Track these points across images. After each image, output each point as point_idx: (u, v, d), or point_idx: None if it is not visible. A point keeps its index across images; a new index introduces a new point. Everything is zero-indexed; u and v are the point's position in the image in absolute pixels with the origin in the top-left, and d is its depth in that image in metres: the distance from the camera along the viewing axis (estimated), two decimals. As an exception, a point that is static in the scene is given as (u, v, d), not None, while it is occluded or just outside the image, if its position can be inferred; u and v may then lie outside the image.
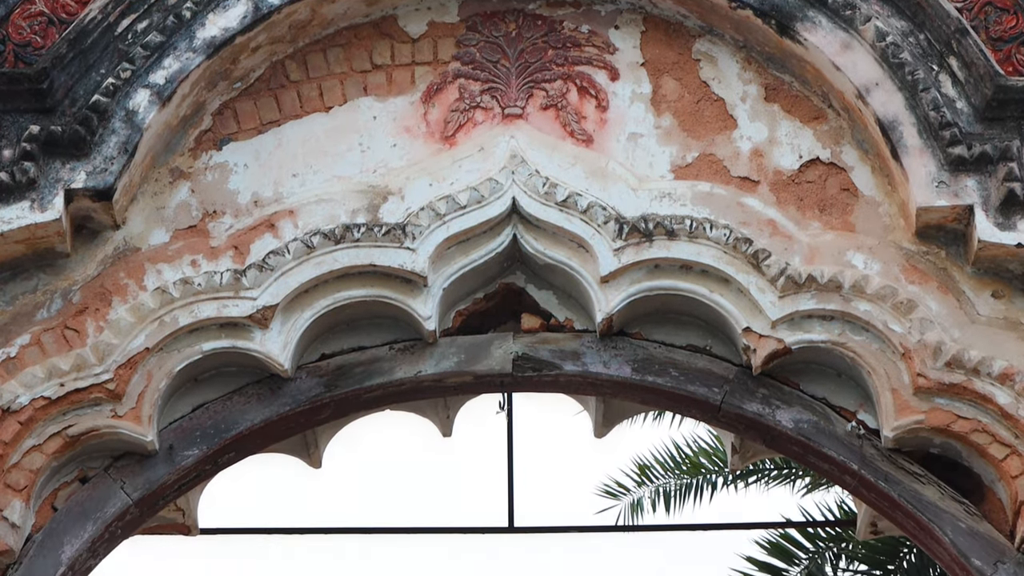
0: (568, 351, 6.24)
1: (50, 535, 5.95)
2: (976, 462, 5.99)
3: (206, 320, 6.00)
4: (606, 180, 6.11)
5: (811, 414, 6.13)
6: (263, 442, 6.30)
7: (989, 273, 5.97)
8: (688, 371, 6.18)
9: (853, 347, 6.00)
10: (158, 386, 5.99)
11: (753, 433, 6.30)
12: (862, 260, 6.02)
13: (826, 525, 12.58)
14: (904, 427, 5.93)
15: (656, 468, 13.37)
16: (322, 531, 8.06)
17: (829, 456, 6.12)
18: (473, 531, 7.95)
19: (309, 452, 6.92)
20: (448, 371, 6.22)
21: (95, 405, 5.93)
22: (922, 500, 6.00)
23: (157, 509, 6.24)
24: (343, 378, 6.19)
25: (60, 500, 6.02)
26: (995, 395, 5.86)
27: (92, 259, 6.05)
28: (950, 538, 5.95)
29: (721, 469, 13.15)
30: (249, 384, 6.16)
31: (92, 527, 5.98)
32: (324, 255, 6.05)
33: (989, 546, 5.92)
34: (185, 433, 6.11)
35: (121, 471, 6.06)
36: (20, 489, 5.85)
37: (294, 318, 6.07)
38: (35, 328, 5.97)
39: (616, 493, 13.40)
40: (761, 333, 6.03)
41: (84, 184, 5.91)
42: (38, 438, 5.90)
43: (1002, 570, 5.88)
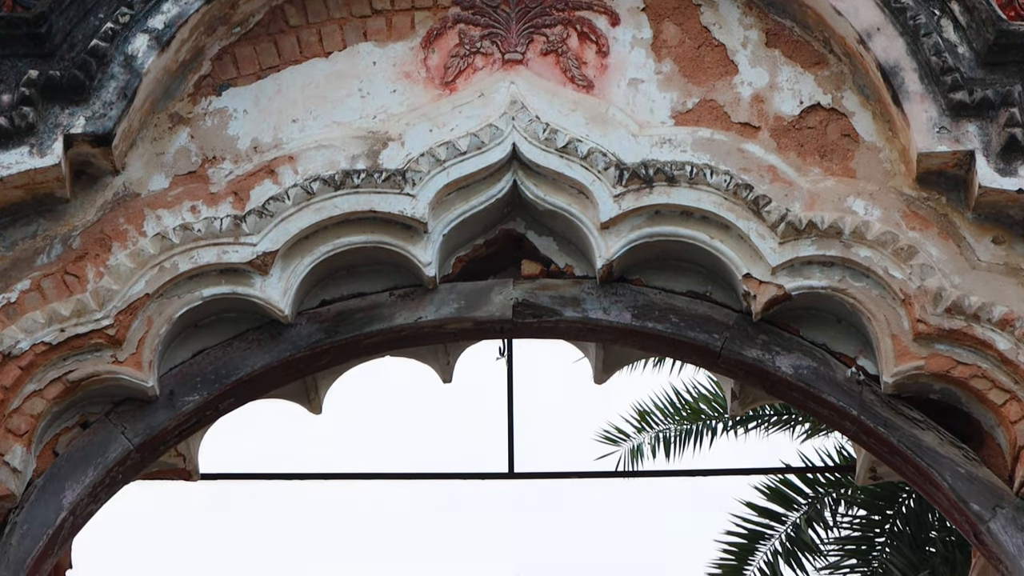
0: (568, 297, 6.24)
1: (51, 480, 5.96)
2: (975, 408, 6.00)
3: (206, 266, 6.01)
4: (606, 126, 6.10)
5: (811, 360, 6.14)
6: (263, 388, 6.31)
7: (990, 219, 5.96)
8: (688, 317, 6.19)
9: (853, 293, 6.00)
10: (158, 332, 5.99)
11: (753, 379, 6.31)
12: (863, 206, 6.01)
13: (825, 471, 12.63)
14: (904, 373, 5.94)
15: (656, 414, 13.40)
16: (322, 477, 8.07)
17: (829, 402, 6.13)
18: (473, 477, 7.96)
19: (309, 398, 6.93)
20: (448, 317, 6.23)
21: (95, 351, 5.94)
22: (921, 446, 6.02)
23: (158, 454, 6.26)
24: (343, 324, 6.20)
25: (61, 445, 6.03)
26: (995, 341, 5.87)
27: (92, 205, 6.05)
28: (949, 483, 5.97)
29: (721, 415, 13.18)
30: (249, 330, 6.17)
31: (93, 472, 6.00)
32: (324, 201, 6.04)
33: (988, 491, 5.94)
34: (185, 379, 6.12)
35: (122, 416, 6.07)
36: (21, 434, 5.86)
37: (294, 264, 6.07)
38: (35, 274, 5.97)
39: (616, 439, 13.43)
40: (761, 279, 6.03)
41: (83, 129, 5.90)
42: (39, 383, 5.91)
43: (1001, 515, 5.90)
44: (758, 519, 12.82)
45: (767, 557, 12.79)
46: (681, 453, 13.33)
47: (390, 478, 8.24)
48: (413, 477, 8.24)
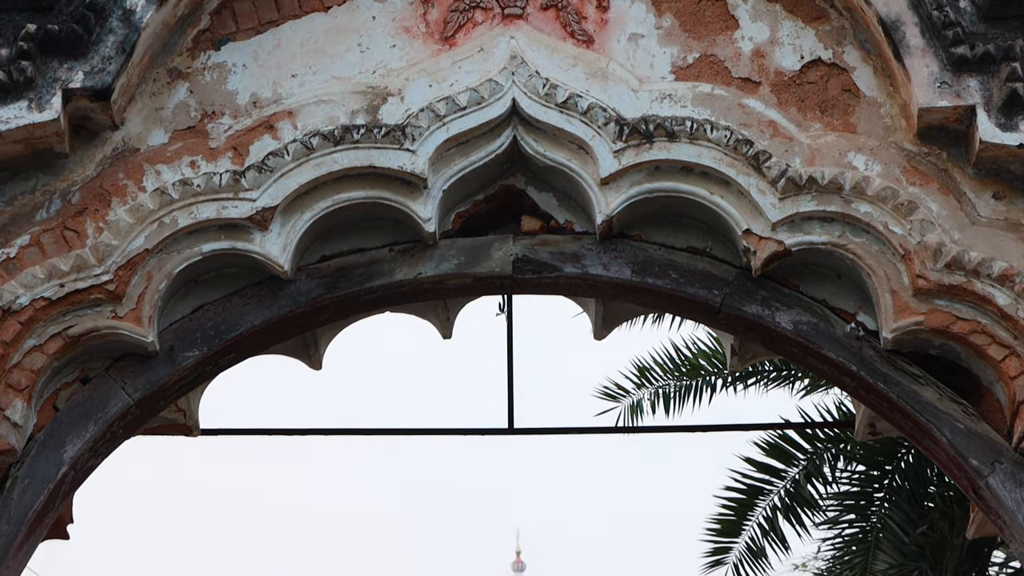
0: (568, 253, 6.24)
1: (52, 435, 5.98)
2: (975, 363, 6.00)
3: (205, 221, 6.00)
4: (606, 81, 6.09)
5: (810, 316, 6.14)
6: (263, 343, 6.32)
7: (990, 174, 5.96)
8: (688, 273, 6.19)
9: (853, 249, 5.99)
10: (158, 287, 5.99)
11: (752, 335, 6.31)
12: (863, 161, 6.01)
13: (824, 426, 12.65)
14: (903, 328, 5.94)
15: (655, 370, 13.40)
16: (322, 432, 8.08)
17: (828, 357, 6.13)
18: (473, 433, 7.97)
19: (309, 354, 6.93)
20: (448, 273, 6.23)
21: (95, 306, 5.94)
22: (920, 401, 6.03)
23: (158, 409, 6.27)
24: (343, 280, 6.20)
25: (61, 400, 6.04)
26: (994, 296, 5.87)
27: (91, 160, 6.04)
28: (948, 438, 5.98)
29: (720, 371, 13.19)
30: (249, 285, 6.17)
31: (94, 427, 6.01)
32: (323, 156, 6.03)
33: (986, 446, 5.95)
34: (185, 334, 6.13)
35: (122, 372, 6.08)
36: (21, 389, 5.87)
37: (293, 220, 6.07)
38: (34, 228, 5.97)
39: (615, 395, 13.44)
40: (761, 235, 6.03)
41: (82, 84, 5.88)
42: (39, 338, 5.92)
43: (999, 469, 5.91)
44: (757, 475, 12.84)
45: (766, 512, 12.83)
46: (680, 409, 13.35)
47: (390, 433, 8.25)
48: (413, 433, 8.26)
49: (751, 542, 12.92)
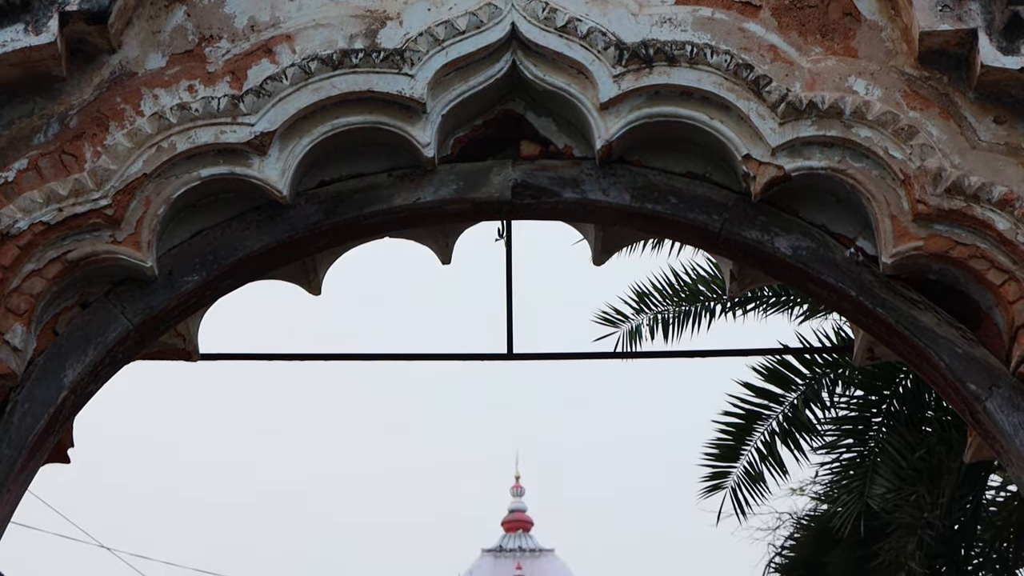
0: (567, 178, 6.22)
1: (52, 359, 5.99)
2: (974, 288, 6.01)
3: (204, 146, 5.99)
4: (606, 5, 6.05)
5: (810, 241, 6.14)
6: (262, 268, 6.32)
7: (991, 98, 5.93)
8: (687, 198, 6.18)
9: (853, 174, 5.98)
10: (156, 212, 5.99)
11: (752, 260, 6.31)
12: (863, 86, 5.98)
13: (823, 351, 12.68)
14: (903, 253, 5.94)
15: (654, 296, 13.41)
16: (322, 358, 8.09)
17: (827, 283, 6.13)
18: (472, 358, 7.98)
19: (308, 279, 6.93)
20: (447, 198, 6.22)
21: (94, 230, 5.94)
22: (919, 326, 6.03)
23: (157, 334, 6.28)
24: (342, 205, 6.19)
25: (61, 325, 6.05)
26: (994, 221, 5.86)
27: (88, 83, 6.02)
28: (946, 363, 5.99)
29: (719, 296, 13.20)
30: (248, 211, 6.16)
31: (93, 352, 6.02)
32: (322, 81, 6.01)
33: (985, 371, 5.96)
34: (184, 259, 6.13)
35: (121, 296, 6.09)
36: (21, 313, 5.88)
37: (292, 144, 6.05)
38: (32, 153, 5.95)
39: (614, 320, 13.45)
40: (761, 160, 6.02)
41: (79, 6, 5.85)
42: (38, 263, 5.92)
43: (997, 394, 5.93)
44: (756, 400, 12.88)
45: (764, 437, 12.88)
46: (679, 334, 13.37)
47: (390, 359, 8.26)
48: (412, 358, 8.27)
49: (749, 467, 12.97)
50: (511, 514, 35.58)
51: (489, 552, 34.77)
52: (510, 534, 35.10)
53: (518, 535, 35.03)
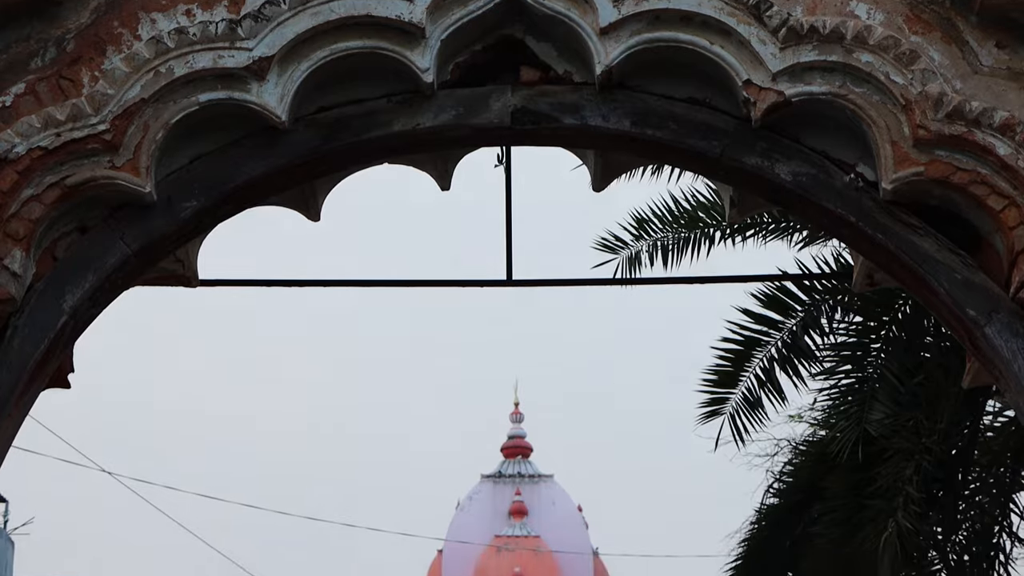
0: (567, 104, 6.20)
1: (51, 284, 5.99)
2: (974, 213, 6.00)
3: (202, 71, 5.97)
4: (606, -71, 6.01)
5: (810, 167, 6.13)
6: (261, 194, 6.31)
7: (993, 23, 5.91)
8: (687, 124, 6.16)
9: (854, 99, 5.97)
10: (155, 137, 5.97)
11: (752, 186, 6.30)
12: (865, 10, 5.95)
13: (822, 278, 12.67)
14: (903, 179, 5.94)
15: (654, 222, 13.40)
16: (322, 284, 8.10)
17: (827, 209, 6.13)
18: (472, 284, 7.99)
19: (308, 205, 6.92)
20: (446, 124, 6.20)
21: (92, 156, 5.93)
22: (919, 252, 6.03)
23: (157, 260, 6.29)
24: (341, 130, 6.18)
25: (60, 250, 6.05)
26: (995, 146, 5.85)
27: (85, 7, 5.99)
28: (945, 289, 5.99)
29: (719, 223, 13.19)
30: (246, 136, 6.15)
31: (93, 277, 6.02)
32: (321, 5, 5.98)
33: (984, 296, 5.96)
34: (183, 185, 6.12)
35: (120, 222, 6.08)
36: (20, 239, 5.88)
37: (291, 69, 6.03)
38: (30, 77, 5.93)
39: (614, 247, 13.44)
40: (761, 85, 6.00)
41: (75, -70, 5.82)
42: (36, 188, 5.91)
43: (996, 320, 5.94)
44: (754, 326, 12.90)
45: (763, 363, 12.90)
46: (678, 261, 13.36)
47: (389, 285, 8.27)
48: (412, 284, 8.28)
49: (747, 393, 13.00)
50: (510, 440, 35.71)
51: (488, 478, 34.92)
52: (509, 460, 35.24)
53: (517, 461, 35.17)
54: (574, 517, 34.27)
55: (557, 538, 33.32)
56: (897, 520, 11.58)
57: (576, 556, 33.01)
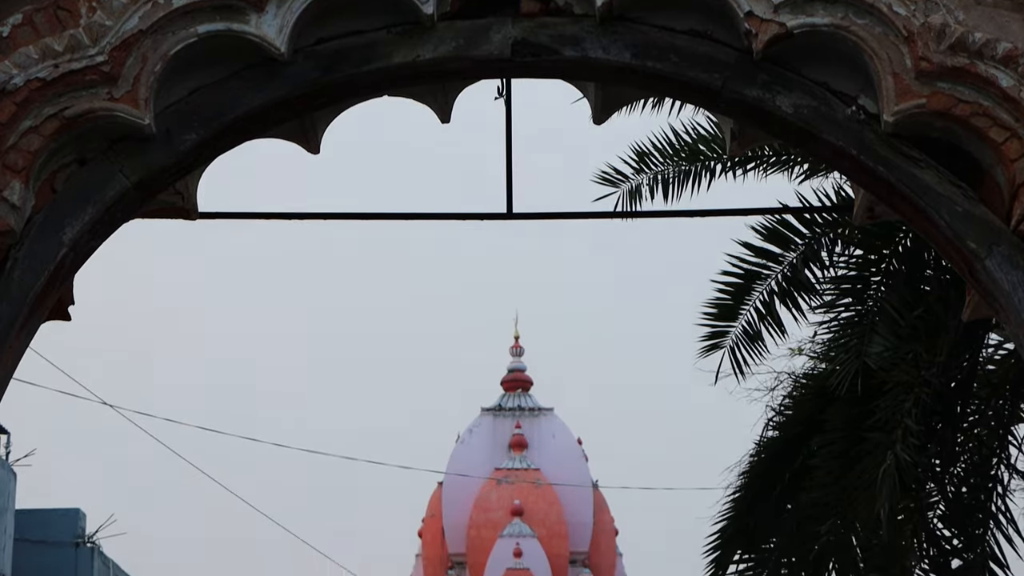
0: (567, 36, 6.18)
1: (50, 216, 5.99)
2: (975, 146, 5.99)
3: (200, 2, 5.94)
4: None
5: (811, 99, 6.11)
6: (261, 126, 6.30)
7: (997, -47, 5.88)
8: (688, 56, 6.14)
9: (856, 31, 5.94)
10: (153, 69, 5.95)
11: (753, 119, 6.28)
12: (867, -59, 5.92)
13: (823, 211, 12.65)
14: (905, 111, 5.92)
15: (654, 155, 13.36)
16: (321, 216, 8.08)
17: (828, 141, 6.11)
18: (471, 217, 7.97)
19: (307, 137, 6.90)
20: (446, 56, 6.18)
21: (91, 87, 5.91)
22: (920, 184, 6.02)
23: (156, 192, 6.28)
24: (340, 62, 6.15)
25: (59, 182, 6.04)
26: (997, 78, 5.83)
27: (81, -64, 5.95)
28: (946, 221, 5.99)
29: (719, 156, 13.14)
30: (246, 68, 6.13)
31: (92, 209, 6.02)
32: (320, -65, 5.94)
33: (985, 229, 5.96)
34: (182, 117, 6.10)
35: (119, 154, 6.07)
36: (19, 170, 5.87)
37: (289, 0, 6.00)
38: (27, 7, 5.90)
39: (614, 180, 13.40)
40: (763, 17, 5.97)
41: None
42: (35, 119, 5.89)
43: (996, 252, 5.93)
44: (755, 259, 12.87)
45: (763, 297, 12.88)
46: (679, 194, 13.33)
47: (389, 218, 8.25)
48: (412, 217, 8.26)
49: (748, 326, 12.99)
50: (510, 374, 35.78)
51: (488, 411, 35.02)
52: (509, 393, 35.32)
53: (517, 394, 35.26)
54: (574, 450, 34.40)
55: (557, 471, 33.45)
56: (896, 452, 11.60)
57: (576, 489, 33.15)
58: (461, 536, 33.33)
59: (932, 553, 12.62)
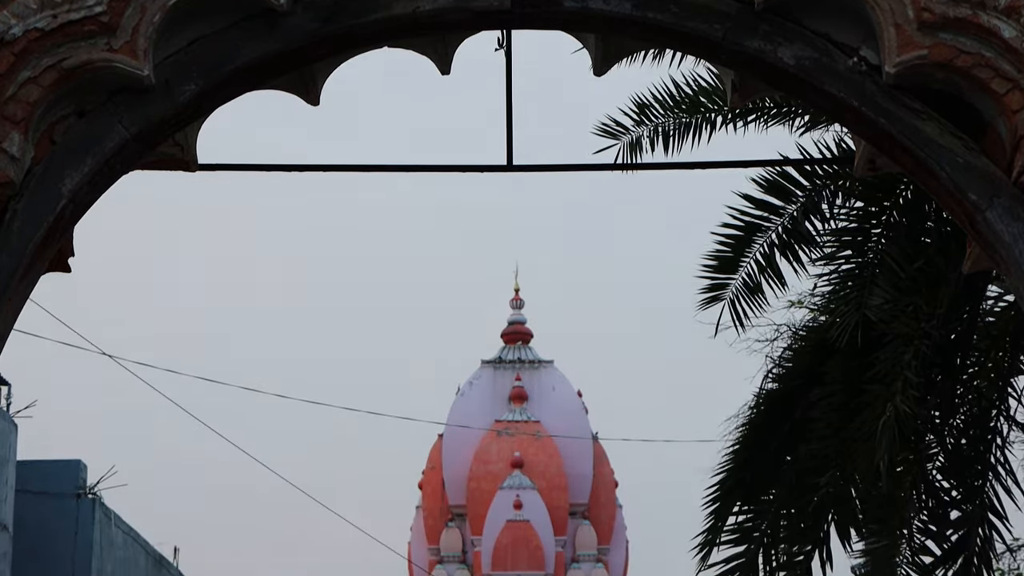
0: (568, -14, 6.15)
1: (50, 168, 5.98)
2: (977, 97, 5.97)
3: (199, -48, 5.91)
4: None
5: (813, 50, 6.09)
6: (260, 78, 6.28)
7: (1000, -99, 5.85)
8: (689, 7, 6.12)
9: (858, -19, 5.91)
10: (152, 19, 5.93)
11: (754, 70, 6.26)
12: None
13: (823, 163, 12.63)
14: (906, 63, 5.90)
15: (655, 107, 13.31)
16: (322, 168, 8.05)
17: (829, 93, 6.10)
18: (472, 169, 7.95)
19: (307, 89, 6.88)
20: (446, 7, 6.15)
21: (89, 38, 5.88)
22: (921, 136, 6.01)
23: (155, 144, 6.27)
24: (340, 13, 6.13)
25: (58, 134, 6.03)
26: (1000, 28, 5.81)
27: None
28: (947, 173, 5.98)
29: (720, 108, 13.10)
30: (245, 19, 6.11)
31: (91, 161, 6.01)
32: None
33: (986, 180, 5.95)
34: (182, 68, 6.08)
35: (118, 106, 6.05)
36: (18, 121, 5.86)
37: (289, -49, 5.98)
38: (25, -43, 5.88)
39: (615, 132, 13.36)
40: (764, -33, 5.95)
41: None
42: (33, 70, 5.88)
43: (998, 204, 5.93)
44: (755, 211, 12.85)
45: (763, 249, 12.87)
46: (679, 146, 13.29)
47: (389, 170, 8.23)
48: (413, 169, 8.24)
49: (748, 279, 12.98)
50: (510, 326, 35.80)
51: (488, 363, 35.05)
52: (509, 346, 35.35)
53: (517, 347, 35.29)
54: (574, 402, 34.45)
55: (557, 423, 33.52)
56: (895, 404, 11.61)
57: (576, 441, 33.23)
58: (461, 488, 33.42)
59: (931, 505, 12.66)
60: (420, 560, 33.52)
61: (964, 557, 12.42)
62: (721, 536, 13.22)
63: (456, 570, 33.46)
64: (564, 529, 33.45)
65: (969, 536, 12.43)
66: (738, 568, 13.10)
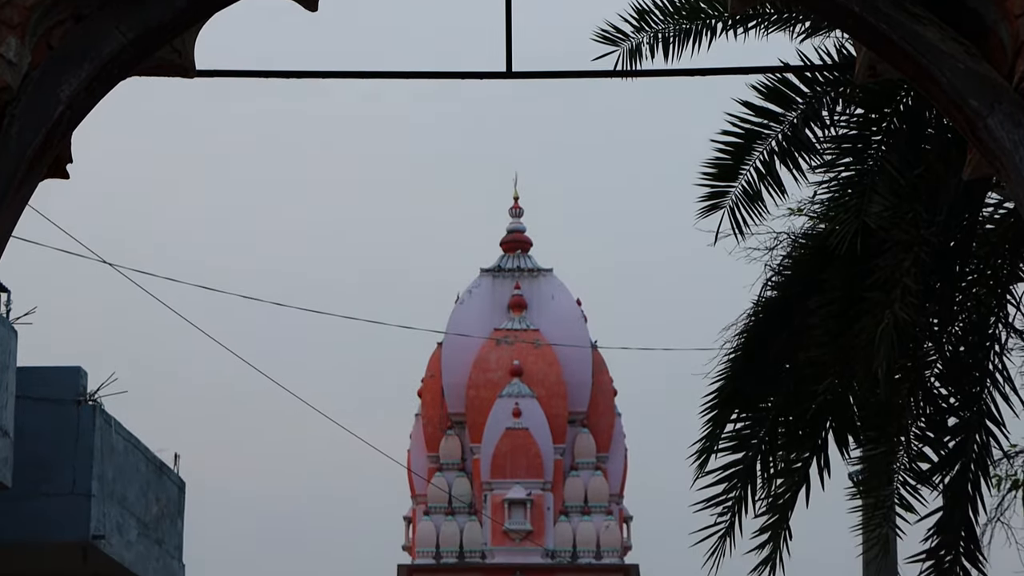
0: None
1: (47, 73, 5.94)
2: (979, 2, 5.92)
3: None
4: None
5: (814, -45, 6.04)
6: (258, -18, 6.23)
7: None
8: (690, -89, 6.06)
9: None
10: (149, -77, 5.88)
11: (754, -25, 6.21)
12: None
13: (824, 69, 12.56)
14: (908, -33, 5.85)
15: (655, 13, 13.22)
16: (321, 75, 8.01)
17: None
18: (471, 76, 7.91)
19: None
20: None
21: (86, -58, 5.83)
22: (922, 41, 5.97)
23: (153, 49, 6.22)
24: (338, -83, 6.07)
25: (55, 39, 5.98)
26: (1003, -68, 5.76)
27: None
28: (948, 79, 5.94)
29: (720, 14, 13.01)
30: (242, -77, 6.05)
31: (88, 66, 5.97)
32: None
33: (987, 87, 5.91)
34: (179, -29, 6.03)
35: (116, 10, 6.01)
36: (14, 25, 5.81)
37: None
38: None
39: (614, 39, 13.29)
40: None
41: None
42: (29, -26, 5.83)
43: (999, 110, 5.90)
44: (755, 119, 12.79)
45: (763, 156, 12.83)
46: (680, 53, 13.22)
47: (388, 77, 8.19)
48: (412, 76, 8.20)
49: (747, 186, 12.95)
50: (510, 234, 35.79)
51: (488, 272, 35.08)
52: (509, 254, 35.36)
53: (516, 255, 35.30)
54: (573, 310, 34.52)
55: (556, 331, 33.61)
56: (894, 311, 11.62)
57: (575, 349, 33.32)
58: (460, 396, 33.57)
59: (929, 412, 12.70)
60: (419, 468, 33.71)
61: (961, 464, 12.47)
62: (719, 443, 13.26)
63: (455, 478, 33.66)
64: (563, 437, 33.62)
65: (966, 443, 12.48)
66: (736, 475, 13.15)
